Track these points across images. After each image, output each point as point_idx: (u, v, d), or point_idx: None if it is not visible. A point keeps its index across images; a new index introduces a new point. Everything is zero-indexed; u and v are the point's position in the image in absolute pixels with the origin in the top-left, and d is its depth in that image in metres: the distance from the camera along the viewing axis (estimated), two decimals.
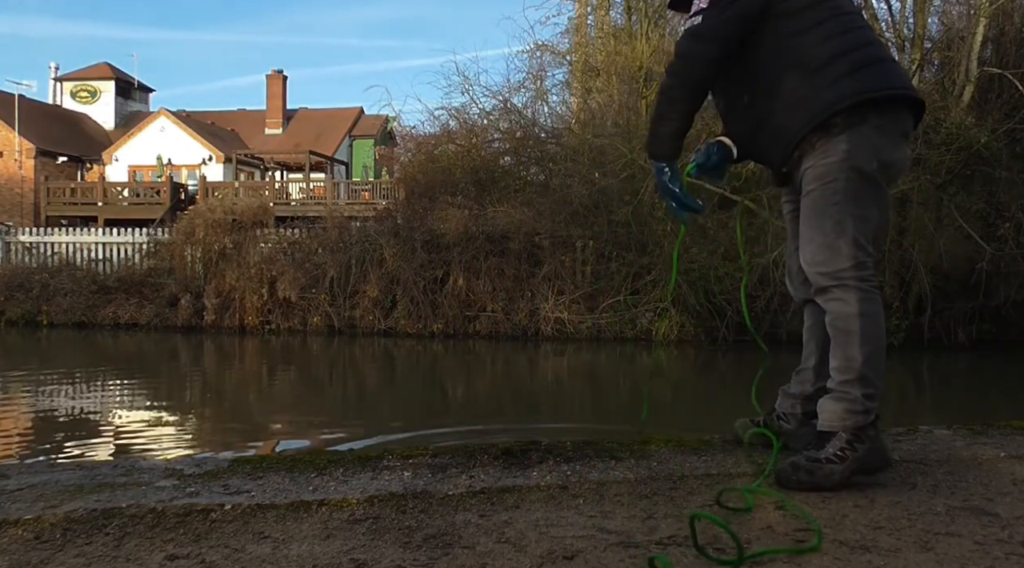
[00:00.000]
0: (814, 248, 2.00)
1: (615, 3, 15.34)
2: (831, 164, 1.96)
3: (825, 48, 1.96)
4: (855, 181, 1.95)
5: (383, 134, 29.32)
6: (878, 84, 1.96)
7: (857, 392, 1.94)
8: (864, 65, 1.96)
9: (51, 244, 15.75)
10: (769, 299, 10.21)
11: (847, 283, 1.96)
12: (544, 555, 1.49)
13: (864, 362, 1.94)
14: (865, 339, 1.95)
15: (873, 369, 1.95)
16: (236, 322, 12.58)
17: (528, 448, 2.25)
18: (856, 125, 1.94)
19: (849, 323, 1.96)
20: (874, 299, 1.98)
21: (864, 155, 1.95)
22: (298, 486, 1.95)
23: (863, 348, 1.94)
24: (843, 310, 1.97)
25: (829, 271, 1.97)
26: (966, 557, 1.49)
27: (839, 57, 1.95)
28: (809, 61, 1.96)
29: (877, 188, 1.99)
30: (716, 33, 1.97)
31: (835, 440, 1.94)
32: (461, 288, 11.58)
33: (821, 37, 1.97)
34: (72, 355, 10.72)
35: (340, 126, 34.12)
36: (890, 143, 1.99)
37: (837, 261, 1.96)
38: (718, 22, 1.96)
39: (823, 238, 1.98)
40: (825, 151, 1.96)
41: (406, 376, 9.05)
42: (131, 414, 6.14)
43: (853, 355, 1.95)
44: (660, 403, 6.93)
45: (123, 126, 33.00)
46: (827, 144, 1.96)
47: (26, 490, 1.93)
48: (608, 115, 13.88)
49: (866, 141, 1.95)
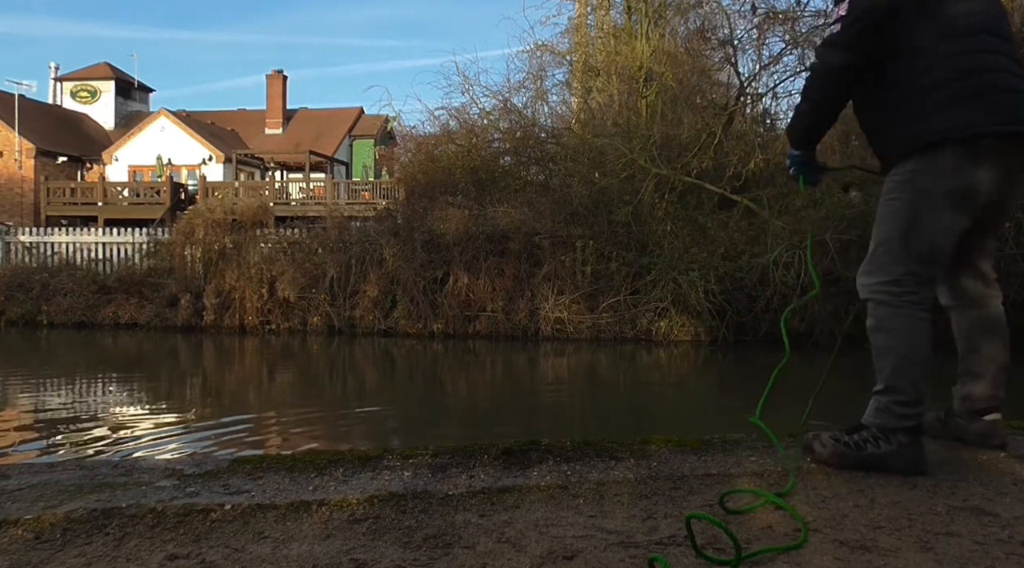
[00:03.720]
0: (866, 259, 2.13)
1: (615, 3, 15.33)
2: (896, 182, 2.08)
3: (932, 76, 2.01)
4: (914, 201, 2.03)
5: (383, 134, 29.32)
6: (963, 122, 1.98)
7: (884, 399, 2.07)
8: (963, 97, 1.99)
9: (51, 244, 15.75)
10: (769, 299, 10.20)
11: (877, 297, 2.08)
12: (544, 555, 1.49)
13: (892, 373, 2.05)
14: (890, 352, 2.06)
15: (902, 380, 2.04)
16: (236, 322, 12.58)
17: (528, 448, 2.25)
18: (930, 151, 2.01)
19: (876, 338, 2.09)
20: (906, 314, 2.05)
21: (928, 177, 2.02)
22: (298, 486, 1.95)
23: (890, 360, 2.05)
24: (872, 325, 2.10)
25: (864, 284, 2.12)
26: (966, 557, 1.49)
27: (941, 86, 2.00)
28: (913, 87, 2.04)
29: (941, 210, 2.03)
30: (847, 42, 2.08)
31: (863, 432, 2.09)
32: (461, 288, 11.57)
33: (933, 61, 2.02)
34: (72, 355, 10.72)
35: (340, 126, 34.11)
36: (963, 168, 2.00)
37: (874, 276, 2.09)
38: (850, 32, 2.06)
39: (871, 252, 2.11)
40: (897, 169, 2.08)
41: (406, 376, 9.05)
42: (131, 414, 6.13)
43: (882, 367, 2.07)
44: (660, 403, 6.93)
45: (123, 126, 32.99)
46: (901, 164, 2.07)
47: (26, 490, 1.93)
48: (608, 115, 13.88)
49: (934, 165, 2.01)
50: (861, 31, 2.05)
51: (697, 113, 12.37)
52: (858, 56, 2.07)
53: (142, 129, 30.96)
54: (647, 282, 10.96)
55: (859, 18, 2.04)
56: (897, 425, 2.03)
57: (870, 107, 2.20)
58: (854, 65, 2.08)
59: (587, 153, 12.53)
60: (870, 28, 2.04)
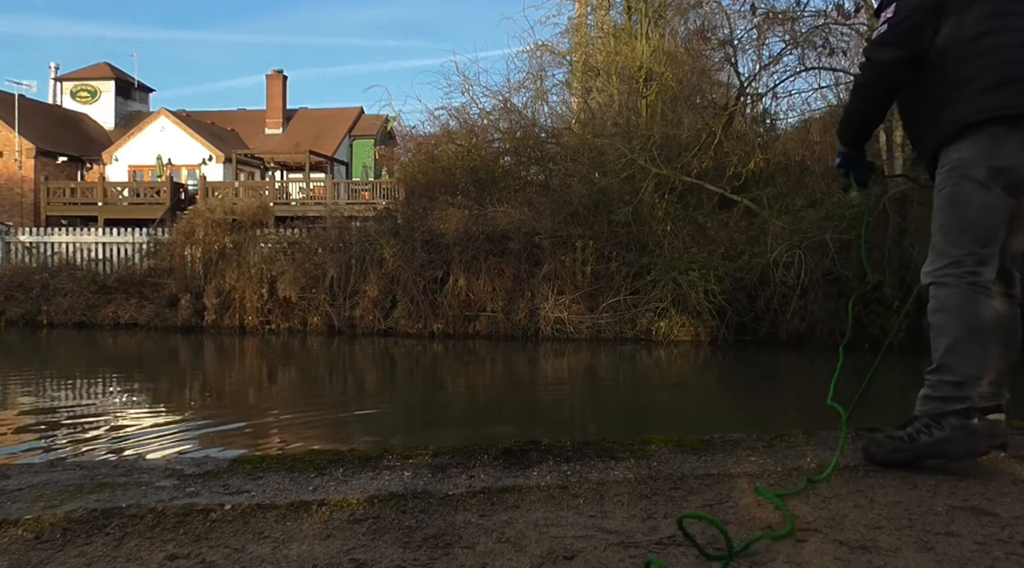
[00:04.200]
0: (929, 252, 2.16)
1: (615, 3, 15.33)
2: (944, 173, 2.12)
3: (975, 65, 2.07)
4: (962, 187, 2.08)
5: (383, 134, 29.31)
6: (1003, 103, 2.03)
7: (934, 378, 2.09)
8: (1003, 83, 2.05)
9: (51, 244, 15.75)
10: (769, 299, 10.21)
11: (940, 280, 2.10)
12: (544, 555, 1.49)
13: (946, 352, 2.07)
14: (947, 331, 2.08)
15: (956, 359, 2.06)
16: (236, 322, 12.58)
17: (528, 448, 2.25)
18: (971, 135, 2.06)
19: (936, 318, 2.10)
20: (965, 294, 2.07)
21: (972, 162, 2.06)
22: (298, 486, 1.95)
23: (946, 339, 2.07)
24: (932, 306, 2.12)
25: (928, 270, 2.14)
26: (966, 557, 1.49)
27: (982, 74, 2.06)
28: (956, 74, 2.10)
29: (986, 189, 2.07)
30: (896, 39, 2.14)
31: (916, 423, 2.11)
32: (461, 288, 11.57)
33: (976, 53, 2.08)
34: (72, 355, 10.72)
35: (340, 126, 34.10)
36: (1007, 150, 2.05)
37: (936, 261, 2.12)
38: (898, 30, 2.13)
39: (932, 242, 2.14)
40: (943, 161, 2.13)
41: (406, 376, 9.05)
42: (131, 414, 6.13)
43: (938, 346, 2.09)
44: (660, 403, 6.93)
45: (123, 126, 32.97)
46: (946, 154, 2.12)
47: (26, 490, 1.93)
48: (608, 115, 13.87)
49: (977, 149, 2.06)
50: (908, 29, 2.12)
51: (697, 113, 12.37)
52: (906, 52, 2.14)
53: (142, 129, 30.95)
54: (647, 282, 10.96)
55: (907, 16, 2.11)
56: (945, 409, 2.05)
57: (914, 104, 2.25)
58: (903, 61, 2.15)
59: (587, 153, 12.53)
60: (917, 26, 2.11)
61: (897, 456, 2.10)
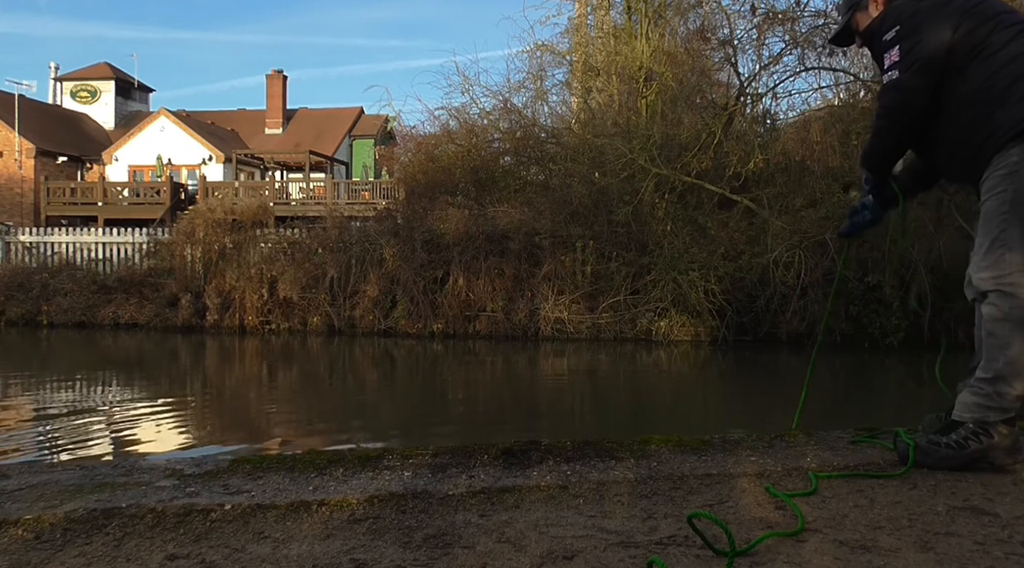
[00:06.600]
0: (981, 255, 2.13)
1: (615, 3, 15.32)
2: (1000, 176, 2.10)
3: (1004, 74, 2.09)
4: (1022, 191, 2.06)
5: (383, 134, 29.31)
6: None
7: (989, 388, 2.07)
8: None
9: (51, 244, 15.75)
10: (769, 299, 10.20)
11: (1005, 289, 2.06)
12: (544, 555, 1.49)
13: (1005, 363, 2.05)
14: (1010, 344, 2.05)
15: (1017, 372, 2.04)
16: (236, 322, 12.58)
17: (528, 448, 2.25)
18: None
19: (996, 327, 2.07)
20: None
21: None
22: (298, 486, 1.95)
23: (1007, 351, 2.05)
24: (994, 314, 2.08)
25: (990, 276, 2.10)
26: (966, 557, 1.49)
27: (1019, 80, 2.07)
28: (991, 86, 2.11)
29: None
30: (911, 84, 2.16)
31: (961, 429, 2.10)
32: (461, 288, 11.57)
33: (1003, 62, 2.10)
34: (72, 355, 10.72)
35: (340, 126, 34.10)
36: None
37: (999, 267, 2.08)
38: (911, 74, 2.15)
39: (989, 245, 2.11)
40: (997, 164, 2.11)
41: (406, 376, 9.05)
42: (131, 414, 6.13)
43: (995, 356, 2.06)
44: (660, 403, 6.93)
45: (123, 126, 32.98)
46: (1000, 158, 2.10)
47: (26, 490, 1.93)
48: (608, 115, 13.87)
49: None
50: (922, 70, 2.15)
51: (697, 113, 12.37)
52: (924, 94, 2.17)
53: (142, 129, 30.95)
54: (647, 282, 10.96)
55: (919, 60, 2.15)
56: (997, 418, 2.06)
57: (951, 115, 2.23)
58: (920, 103, 2.18)
59: (587, 153, 12.53)
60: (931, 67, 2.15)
61: (945, 463, 2.10)
